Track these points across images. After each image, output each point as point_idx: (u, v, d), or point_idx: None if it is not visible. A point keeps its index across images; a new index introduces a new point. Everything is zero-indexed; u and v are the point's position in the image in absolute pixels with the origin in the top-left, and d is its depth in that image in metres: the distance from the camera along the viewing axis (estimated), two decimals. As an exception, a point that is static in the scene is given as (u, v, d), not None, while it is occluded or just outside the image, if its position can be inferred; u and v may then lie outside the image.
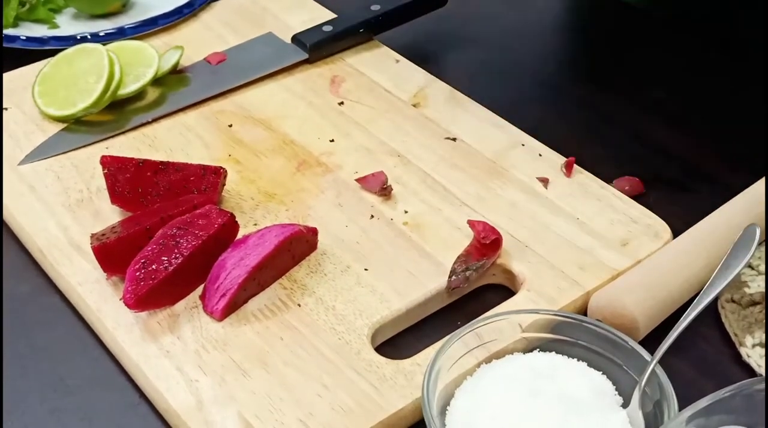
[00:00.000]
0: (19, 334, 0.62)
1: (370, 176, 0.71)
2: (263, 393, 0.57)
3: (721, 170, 0.76)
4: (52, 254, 0.66)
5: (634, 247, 0.66)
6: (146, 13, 0.91)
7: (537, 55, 0.93)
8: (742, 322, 0.62)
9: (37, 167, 0.73)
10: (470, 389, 0.55)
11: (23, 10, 0.90)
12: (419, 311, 0.63)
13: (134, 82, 0.79)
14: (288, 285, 0.64)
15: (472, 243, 0.66)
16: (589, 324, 0.57)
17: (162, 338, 0.60)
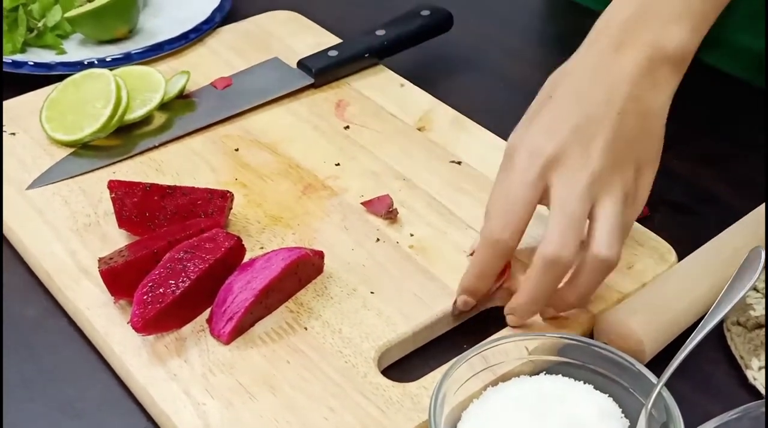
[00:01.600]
0: (27, 358, 0.63)
1: (375, 200, 0.72)
2: (270, 417, 0.57)
3: (726, 192, 0.76)
4: (59, 278, 0.66)
5: (639, 270, 0.67)
6: (153, 39, 0.92)
7: (541, 78, 0.93)
8: (748, 345, 0.62)
9: (45, 191, 0.74)
10: (477, 412, 0.55)
11: (31, 35, 0.91)
12: (426, 334, 0.63)
13: (141, 106, 0.80)
14: (294, 309, 0.64)
15: None
16: (595, 347, 0.57)
17: (169, 361, 0.60)
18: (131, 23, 0.93)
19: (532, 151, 0.61)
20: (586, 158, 0.60)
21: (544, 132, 0.61)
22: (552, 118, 0.62)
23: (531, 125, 0.62)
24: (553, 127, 0.61)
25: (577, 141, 0.61)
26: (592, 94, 0.62)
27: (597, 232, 0.60)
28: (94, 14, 0.90)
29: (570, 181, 0.60)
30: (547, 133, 0.61)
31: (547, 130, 0.61)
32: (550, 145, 0.61)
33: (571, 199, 0.59)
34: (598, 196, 0.60)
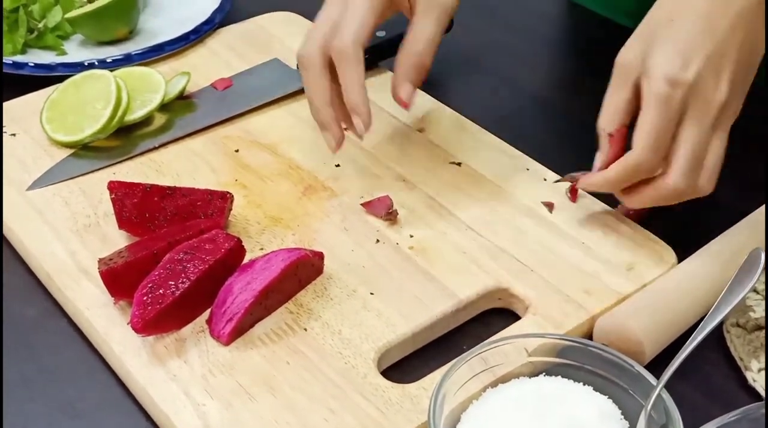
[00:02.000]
0: (27, 358, 0.63)
1: (375, 201, 0.72)
2: (270, 418, 0.57)
3: (726, 194, 0.76)
4: (59, 278, 0.66)
5: (639, 272, 0.67)
6: (153, 40, 0.92)
7: (541, 80, 0.93)
8: (748, 347, 0.62)
9: (45, 192, 0.74)
10: (476, 413, 0.55)
11: (31, 37, 0.91)
12: (425, 335, 0.63)
13: (141, 107, 0.80)
14: (294, 310, 0.64)
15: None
16: (594, 349, 0.57)
17: (169, 362, 0.60)
18: (131, 24, 0.93)
19: (672, 78, 0.62)
20: (716, 89, 0.62)
21: (678, 57, 0.62)
22: (684, 43, 0.63)
23: (657, 47, 0.63)
24: (687, 54, 0.62)
25: (710, 70, 0.62)
26: (717, 21, 0.63)
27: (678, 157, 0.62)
28: (95, 15, 0.90)
29: (703, 113, 0.62)
30: (683, 60, 0.62)
31: (682, 56, 0.62)
32: (688, 73, 0.62)
33: (702, 131, 0.62)
34: (718, 127, 0.63)
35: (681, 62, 0.62)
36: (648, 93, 0.63)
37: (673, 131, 0.63)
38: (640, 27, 0.65)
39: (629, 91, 0.65)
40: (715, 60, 0.62)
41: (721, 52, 0.63)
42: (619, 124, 0.66)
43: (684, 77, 0.62)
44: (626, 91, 0.65)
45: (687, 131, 0.63)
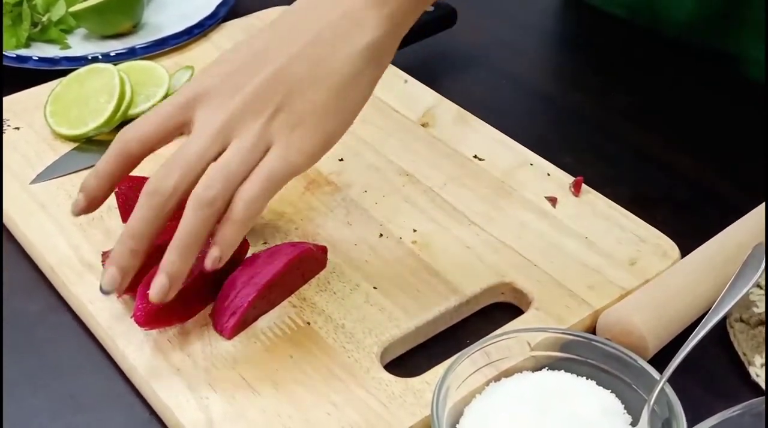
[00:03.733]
0: (30, 352, 0.63)
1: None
2: (273, 411, 0.57)
3: (729, 189, 0.76)
4: (63, 272, 0.66)
5: (642, 266, 0.67)
6: (156, 34, 0.92)
7: (544, 74, 0.93)
8: (751, 342, 0.62)
9: (49, 186, 0.74)
10: (479, 407, 0.55)
11: (35, 30, 0.91)
12: (428, 329, 0.63)
13: (145, 101, 0.80)
14: (297, 304, 0.64)
15: None
16: (597, 343, 0.57)
17: (172, 356, 0.60)
18: (135, 18, 0.93)
19: (189, 84, 0.60)
20: (230, 96, 0.58)
21: (209, 69, 0.60)
22: (226, 56, 0.61)
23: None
24: (219, 65, 0.60)
25: (233, 78, 0.58)
26: (274, 35, 0.60)
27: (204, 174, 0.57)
28: (99, 9, 0.90)
29: (206, 117, 0.58)
30: (209, 71, 0.60)
31: (212, 68, 0.60)
32: (203, 81, 0.59)
33: (196, 136, 0.57)
34: (230, 136, 0.57)
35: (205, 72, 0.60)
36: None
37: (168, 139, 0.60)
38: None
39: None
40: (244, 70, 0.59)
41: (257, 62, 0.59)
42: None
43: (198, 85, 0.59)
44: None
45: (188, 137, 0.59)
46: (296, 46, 0.59)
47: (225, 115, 0.58)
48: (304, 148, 0.58)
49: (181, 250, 0.56)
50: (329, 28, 0.59)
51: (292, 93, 0.58)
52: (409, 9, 0.61)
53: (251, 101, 0.58)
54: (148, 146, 0.59)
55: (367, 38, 0.59)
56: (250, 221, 0.57)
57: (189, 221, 0.56)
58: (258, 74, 0.58)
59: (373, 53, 0.59)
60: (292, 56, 0.59)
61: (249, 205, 0.57)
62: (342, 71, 0.59)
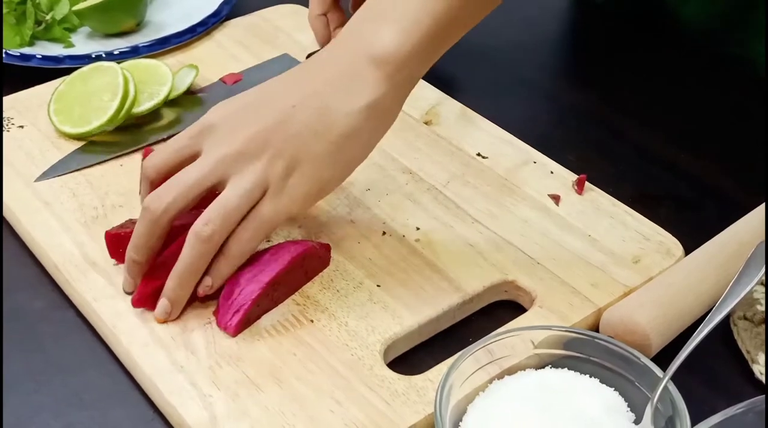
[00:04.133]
0: (34, 349, 0.63)
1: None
2: (276, 409, 0.57)
3: (732, 187, 0.76)
4: (67, 270, 0.66)
5: (646, 264, 0.67)
6: (160, 32, 0.92)
7: (547, 72, 0.93)
8: (755, 340, 0.62)
9: (53, 184, 0.74)
10: (482, 405, 0.55)
11: (39, 29, 0.91)
12: (431, 327, 0.63)
13: (148, 100, 0.80)
14: (301, 301, 0.64)
15: None
16: (601, 341, 0.57)
17: (176, 353, 0.60)
18: (139, 16, 0.93)
19: (202, 119, 0.63)
20: (233, 133, 0.61)
21: (223, 104, 0.64)
22: (240, 95, 0.64)
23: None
24: (231, 102, 0.64)
25: (239, 116, 0.62)
26: (283, 83, 0.64)
27: (204, 210, 0.61)
28: (102, 7, 0.90)
29: (211, 150, 0.62)
30: (222, 106, 0.64)
31: (226, 103, 0.64)
32: (214, 115, 0.63)
33: (196, 165, 0.61)
34: (228, 172, 0.61)
35: (213, 111, 0.64)
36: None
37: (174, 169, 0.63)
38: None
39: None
40: (247, 112, 0.62)
41: (261, 107, 0.63)
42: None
43: (205, 121, 0.63)
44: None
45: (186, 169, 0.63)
46: (300, 95, 0.62)
47: (227, 149, 0.61)
48: (296, 196, 0.62)
49: (180, 280, 0.61)
50: (331, 83, 0.62)
51: (292, 140, 0.61)
52: (411, 72, 0.63)
53: (252, 141, 0.61)
54: (163, 173, 0.63)
55: (367, 98, 0.61)
56: (242, 258, 0.63)
57: (188, 254, 0.61)
58: (263, 117, 0.62)
59: (373, 112, 0.61)
60: (296, 105, 0.61)
61: (242, 246, 0.62)
62: (341, 127, 0.61)
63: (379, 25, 0.62)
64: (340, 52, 0.63)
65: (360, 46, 0.62)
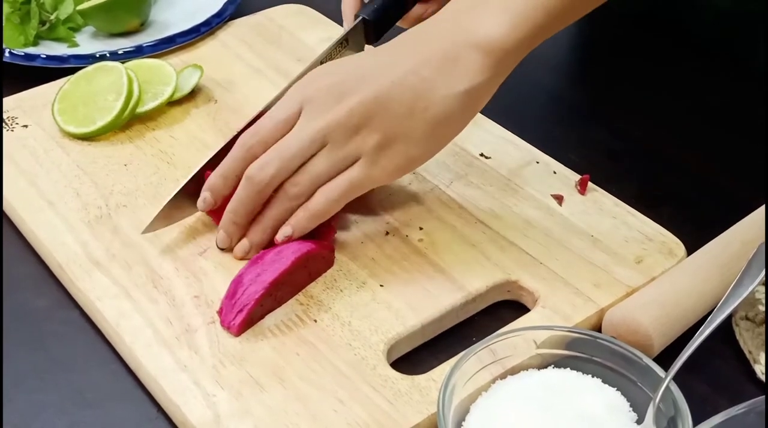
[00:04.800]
0: (39, 348, 0.63)
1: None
2: (280, 408, 0.57)
3: (735, 187, 0.76)
4: (71, 269, 0.66)
5: (648, 264, 0.67)
6: (164, 32, 0.92)
7: (550, 71, 0.93)
8: (757, 340, 0.62)
9: (57, 184, 0.74)
10: (485, 405, 0.56)
11: (43, 29, 0.92)
12: (434, 327, 0.64)
13: (152, 99, 0.80)
14: (304, 301, 0.64)
15: None
16: (603, 341, 0.57)
17: (179, 353, 0.61)
18: (143, 16, 0.93)
19: (301, 85, 0.65)
20: (332, 106, 0.63)
21: (322, 73, 0.65)
22: (340, 64, 0.66)
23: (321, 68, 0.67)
24: (331, 71, 0.65)
25: (339, 88, 0.63)
26: (383, 57, 0.64)
27: (299, 171, 0.64)
28: (106, 7, 0.91)
29: (310, 119, 0.64)
30: (322, 74, 0.65)
31: (325, 72, 0.65)
32: (315, 84, 0.64)
33: (296, 136, 0.64)
34: (326, 140, 0.63)
35: (312, 80, 0.66)
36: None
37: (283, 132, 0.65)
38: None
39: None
40: (350, 83, 0.64)
41: (362, 80, 0.64)
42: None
43: (305, 90, 0.65)
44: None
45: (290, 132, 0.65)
46: (399, 72, 0.63)
47: (324, 122, 0.63)
48: (387, 168, 0.64)
49: (262, 226, 0.66)
50: (430, 64, 0.62)
51: (388, 117, 0.63)
52: (512, 62, 0.64)
53: (349, 115, 0.63)
54: (268, 147, 0.65)
55: (466, 83, 0.62)
56: (325, 216, 0.65)
57: (274, 208, 0.65)
58: (359, 91, 0.63)
59: (470, 98, 0.63)
60: (394, 82, 0.63)
61: (328, 202, 0.65)
62: (437, 109, 0.62)
63: (486, 12, 0.62)
64: (441, 32, 0.63)
65: (463, 29, 0.62)
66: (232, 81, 0.86)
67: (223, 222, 0.67)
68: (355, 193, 0.65)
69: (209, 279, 0.66)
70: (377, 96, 0.63)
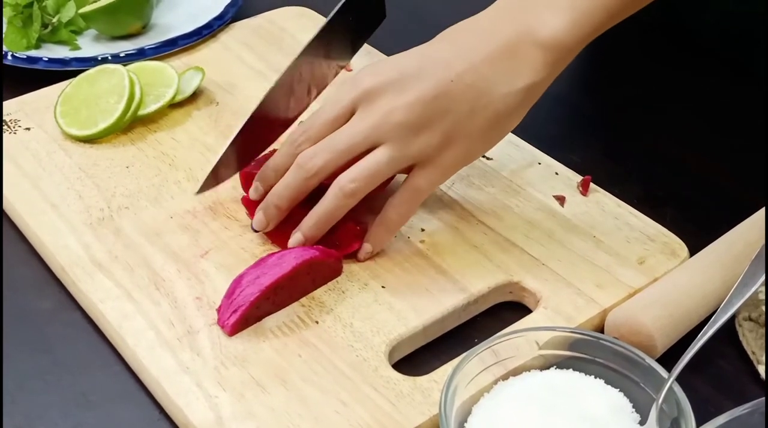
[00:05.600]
0: (42, 350, 0.63)
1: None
2: (282, 410, 0.57)
3: (738, 188, 0.76)
4: (73, 271, 0.67)
5: (651, 265, 0.67)
6: (166, 34, 0.92)
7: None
8: (760, 341, 0.62)
9: (60, 186, 0.74)
10: (487, 406, 0.55)
11: (45, 31, 0.92)
12: (436, 328, 0.64)
13: (154, 102, 0.81)
14: (306, 303, 0.64)
15: None
16: (606, 342, 0.57)
17: (182, 354, 0.61)
18: (145, 19, 0.93)
19: (355, 81, 0.64)
20: (392, 102, 0.62)
21: (377, 69, 0.64)
22: (395, 60, 0.64)
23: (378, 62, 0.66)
24: (386, 67, 0.64)
25: (396, 85, 0.62)
26: (440, 52, 0.63)
27: (356, 165, 0.63)
28: (108, 10, 0.91)
29: (365, 115, 0.62)
30: (377, 70, 0.64)
31: (380, 68, 0.64)
32: (370, 80, 0.63)
33: (349, 131, 0.63)
34: (382, 139, 0.62)
35: (374, 71, 0.64)
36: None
37: (337, 124, 0.65)
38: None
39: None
40: (409, 79, 0.63)
41: (422, 75, 0.63)
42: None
43: (363, 83, 0.64)
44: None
45: (346, 125, 0.64)
46: (458, 69, 0.62)
47: (381, 117, 0.62)
48: (446, 168, 0.64)
49: (318, 223, 0.65)
50: (490, 61, 0.62)
51: (448, 116, 0.62)
52: (570, 58, 0.63)
53: (408, 111, 0.62)
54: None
55: (526, 80, 0.62)
56: (401, 225, 0.66)
57: (330, 203, 0.64)
58: (419, 87, 0.62)
59: (529, 93, 0.63)
60: (453, 80, 0.62)
61: (401, 217, 0.66)
62: (498, 107, 0.62)
63: (547, 9, 0.62)
64: (500, 26, 0.63)
65: (523, 25, 0.62)
66: (234, 83, 0.86)
67: (265, 205, 0.66)
68: (421, 199, 0.65)
69: (211, 281, 0.66)
70: (437, 94, 0.62)
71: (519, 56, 0.61)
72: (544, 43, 0.61)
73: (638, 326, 0.60)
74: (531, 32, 0.61)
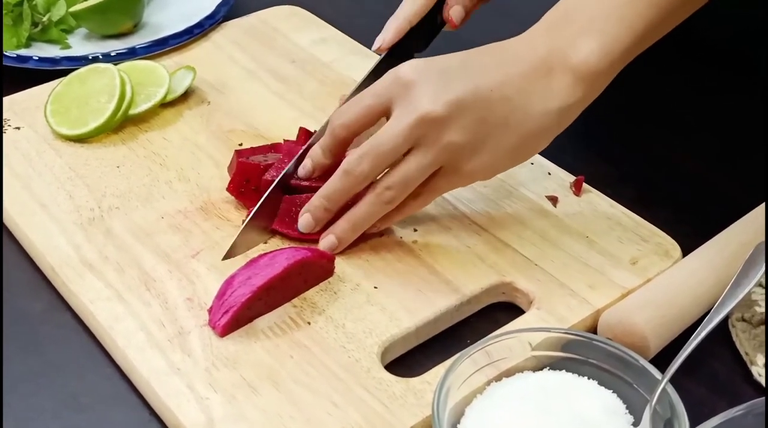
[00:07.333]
0: (32, 351, 0.63)
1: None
2: (273, 412, 0.57)
3: (731, 188, 0.76)
4: (64, 272, 0.66)
5: (644, 266, 0.66)
6: (157, 34, 0.92)
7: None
8: (753, 341, 0.62)
9: (50, 186, 0.74)
10: (480, 407, 0.55)
11: (36, 30, 0.91)
12: (429, 329, 0.63)
13: (145, 101, 0.80)
14: (298, 304, 0.64)
15: None
16: (599, 343, 0.57)
17: (172, 355, 0.60)
18: (136, 18, 0.93)
19: (396, 73, 0.64)
20: (431, 98, 0.62)
21: (418, 63, 0.64)
22: (437, 58, 0.65)
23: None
24: (428, 64, 0.64)
25: (436, 81, 0.63)
26: (485, 62, 0.64)
27: (390, 172, 0.64)
28: (99, 9, 0.90)
29: (404, 113, 0.63)
30: (418, 65, 0.64)
31: (422, 63, 0.64)
32: (411, 73, 0.63)
33: (391, 132, 0.63)
34: (420, 140, 0.63)
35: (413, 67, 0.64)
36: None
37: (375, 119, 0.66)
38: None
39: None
40: (447, 77, 0.63)
41: (460, 76, 0.63)
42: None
43: (404, 75, 0.64)
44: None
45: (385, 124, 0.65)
46: (498, 79, 0.63)
47: (421, 112, 0.62)
48: (468, 178, 0.65)
49: (353, 225, 0.66)
50: (527, 78, 0.63)
51: (482, 125, 0.63)
52: (605, 82, 0.64)
53: (448, 107, 0.62)
54: (353, 131, 0.66)
55: (561, 102, 0.62)
56: (414, 212, 0.68)
57: (366, 208, 0.66)
58: (461, 88, 0.63)
59: (563, 115, 0.63)
60: (493, 89, 0.62)
61: (416, 208, 0.67)
62: (532, 126, 0.63)
63: (581, 33, 0.62)
64: (537, 46, 0.63)
65: (558, 49, 0.62)
66: (225, 83, 0.85)
67: (313, 207, 0.67)
68: (437, 196, 0.67)
69: (202, 282, 0.65)
70: (476, 99, 0.62)
71: (553, 78, 0.62)
72: (575, 68, 0.62)
73: (631, 327, 0.60)
74: (564, 56, 0.62)
